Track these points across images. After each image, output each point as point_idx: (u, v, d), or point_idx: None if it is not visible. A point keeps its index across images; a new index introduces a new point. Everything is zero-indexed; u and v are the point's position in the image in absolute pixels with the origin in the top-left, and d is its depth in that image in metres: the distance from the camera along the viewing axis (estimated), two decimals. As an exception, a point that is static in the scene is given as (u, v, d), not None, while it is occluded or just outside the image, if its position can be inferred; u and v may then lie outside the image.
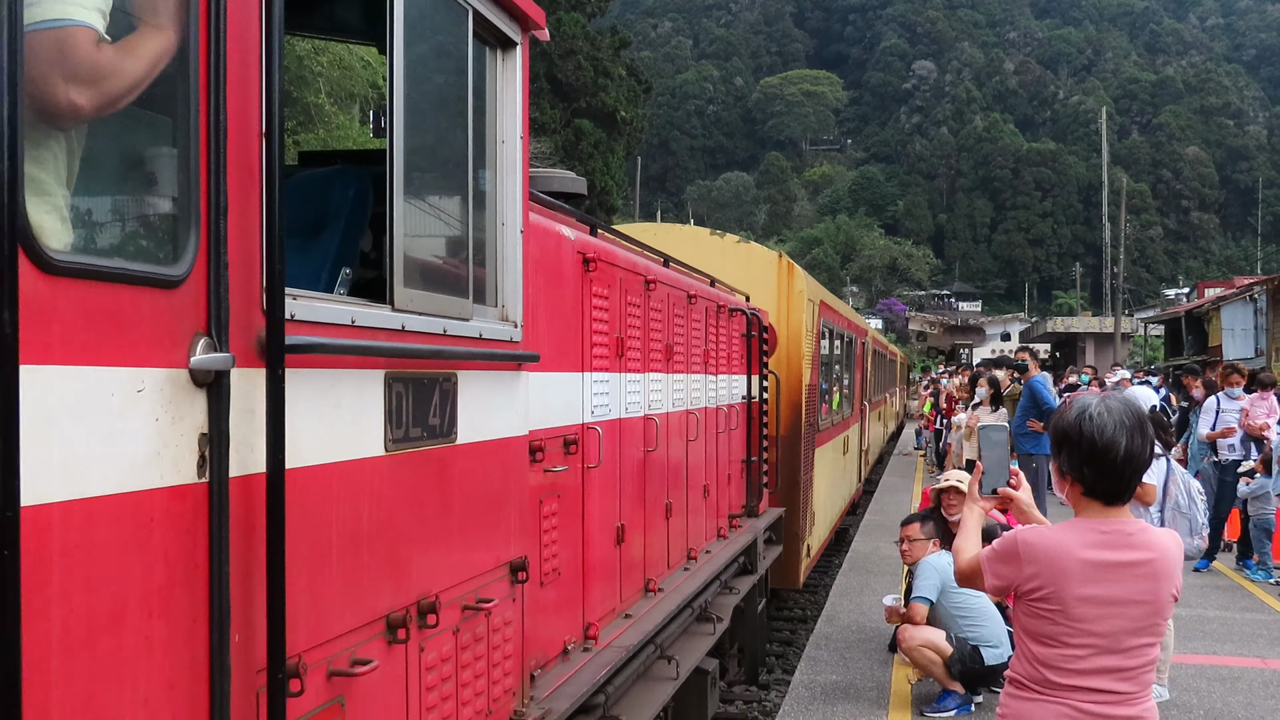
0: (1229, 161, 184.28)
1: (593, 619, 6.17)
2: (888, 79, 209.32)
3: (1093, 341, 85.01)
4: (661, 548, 7.78)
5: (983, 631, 8.39)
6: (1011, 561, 3.66)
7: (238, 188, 2.72)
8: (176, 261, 2.54)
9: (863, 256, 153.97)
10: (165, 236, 2.65)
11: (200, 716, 2.55)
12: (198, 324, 2.57)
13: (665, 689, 6.87)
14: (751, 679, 11.26)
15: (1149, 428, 3.64)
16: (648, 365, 7.34)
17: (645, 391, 7.29)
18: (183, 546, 2.51)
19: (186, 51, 2.56)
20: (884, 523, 17.61)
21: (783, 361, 12.83)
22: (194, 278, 2.55)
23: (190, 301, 2.55)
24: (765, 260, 13.54)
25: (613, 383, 6.58)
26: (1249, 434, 14.86)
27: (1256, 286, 40.82)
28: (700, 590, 8.13)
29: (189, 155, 2.57)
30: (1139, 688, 3.59)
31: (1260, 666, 10.09)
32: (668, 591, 7.56)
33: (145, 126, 2.70)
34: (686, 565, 8.43)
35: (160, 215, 2.70)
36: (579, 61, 71.63)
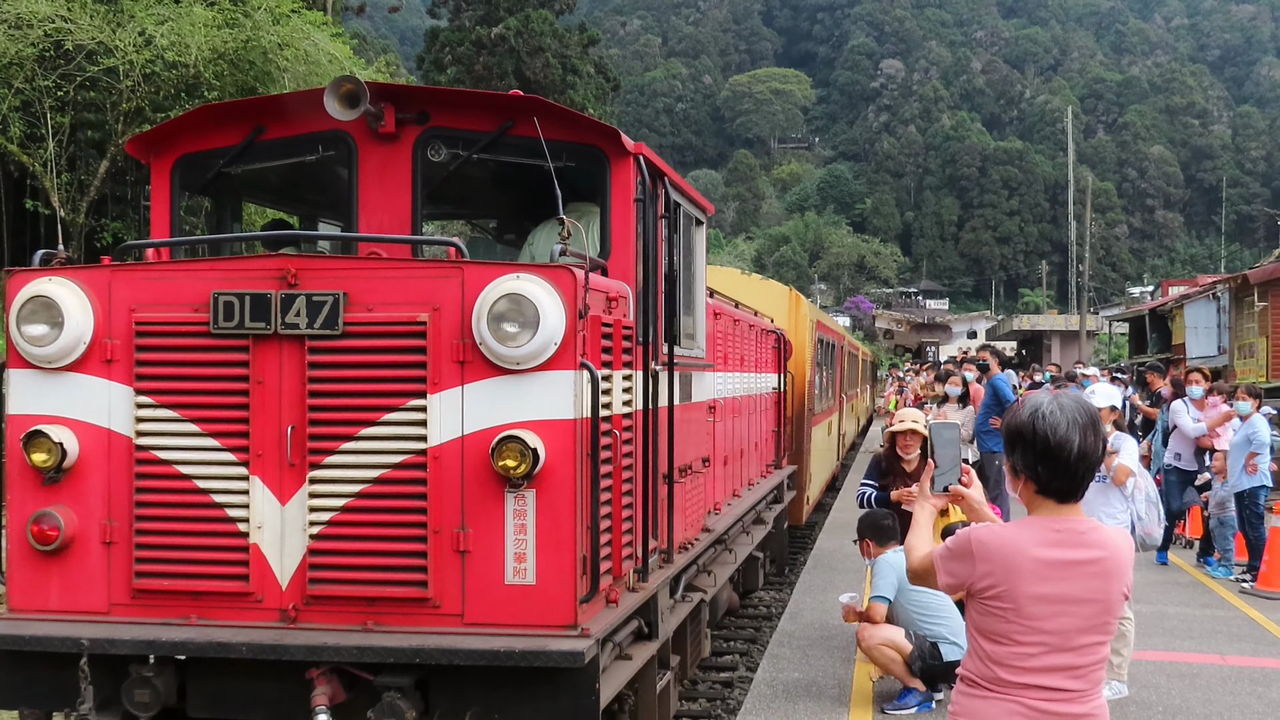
0: (1193, 161, 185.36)
1: (718, 500, 10.40)
2: (855, 78, 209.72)
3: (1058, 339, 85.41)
4: (739, 474, 11.80)
5: (942, 628, 8.41)
6: (965, 560, 3.65)
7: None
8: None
9: (830, 254, 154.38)
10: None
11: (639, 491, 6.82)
12: (652, 359, 7.03)
13: (746, 548, 11.64)
14: (779, 573, 16.02)
15: (1101, 425, 3.65)
16: (731, 368, 10.93)
17: (730, 383, 10.94)
18: (640, 430, 6.85)
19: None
20: (849, 520, 17.55)
21: (794, 365, 16.74)
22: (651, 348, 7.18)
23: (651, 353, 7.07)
24: (780, 291, 18.68)
25: (724, 378, 10.47)
26: (1200, 446, 15.30)
27: (1219, 285, 41.08)
28: (756, 502, 12.38)
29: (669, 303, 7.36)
30: (1089, 685, 3.59)
31: (1219, 663, 10.15)
32: (742, 498, 11.74)
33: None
34: (749, 488, 12.42)
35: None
36: (547, 59, 71.48)
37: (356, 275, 5.74)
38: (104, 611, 5.85)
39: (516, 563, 5.61)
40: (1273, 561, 13.54)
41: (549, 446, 5.51)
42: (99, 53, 34.56)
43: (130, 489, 5.85)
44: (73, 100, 35.41)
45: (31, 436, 5.80)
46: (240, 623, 5.71)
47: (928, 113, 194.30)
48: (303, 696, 5.43)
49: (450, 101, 7.08)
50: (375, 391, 5.71)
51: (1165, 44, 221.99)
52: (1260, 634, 11.40)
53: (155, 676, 5.51)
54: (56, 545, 5.81)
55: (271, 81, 38.21)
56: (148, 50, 34.36)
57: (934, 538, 4.00)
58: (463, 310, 5.59)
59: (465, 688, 5.45)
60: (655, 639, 6.86)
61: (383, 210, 6.79)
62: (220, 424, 5.79)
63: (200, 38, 34.76)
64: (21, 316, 5.81)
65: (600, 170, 6.64)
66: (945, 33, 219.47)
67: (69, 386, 5.88)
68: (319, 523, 5.72)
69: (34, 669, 5.69)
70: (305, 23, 37.95)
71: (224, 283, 5.69)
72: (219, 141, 7.06)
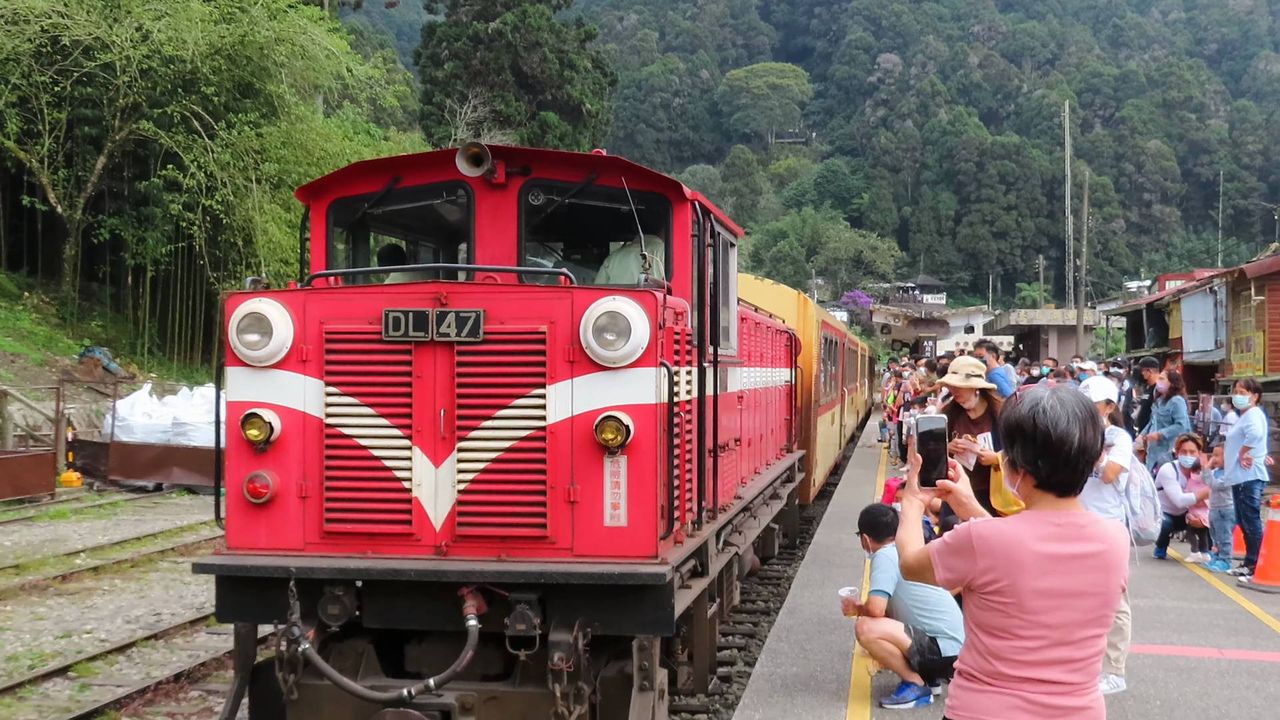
0: (1190, 155, 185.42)
1: (744, 475, 11.74)
2: (853, 72, 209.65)
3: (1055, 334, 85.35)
4: (760, 455, 13.26)
5: (941, 623, 8.42)
6: (965, 555, 3.65)
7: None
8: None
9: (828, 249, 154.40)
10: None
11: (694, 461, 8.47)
12: (703, 360, 8.75)
13: (766, 518, 13.20)
14: (791, 545, 17.72)
15: (1100, 419, 3.66)
16: (753, 364, 12.43)
17: (753, 376, 12.41)
18: (695, 413, 8.41)
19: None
20: (846, 515, 17.64)
21: (802, 361, 18.27)
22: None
23: (701, 353, 8.73)
24: (790, 295, 20.33)
25: (748, 372, 11.98)
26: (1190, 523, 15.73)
27: (1216, 279, 41.06)
28: (773, 480, 13.95)
29: (713, 318, 9.13)
30: (1087, 678, 3.60)
31: (1216, 656, 10.17)
32: (762, 475, 13.16)
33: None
34: (767, 467, 13.81)
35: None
36: (544, 54, 71.41)
37: (493, 297, 7.51)
38: (300, 549, 7.60)
39: (613, 510, 7.37)
40: (1270, 555, 13.55)
41: (637, 424, 7.25)
42: (96, 48, 34.51)
43: (321, 456, 7.58)
44: (69, 96, 35.36)
45: (248, 418, 7.53)
46: (405, 556, 7.44)
47: (925, 107, 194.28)
48: (453, 611, 7.20)
49: (548, 159, 9.04)
50: (507, 383, 7.42)
51: (1162, 38, 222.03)
52: (1258, 628, 11.42)
53: (344, 595, 7.33)
54: (265, 499, 7.58)
55: (268, 77, 38.19)
56: (145, 45, 34.32)
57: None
58: (572, 323, 7.33)
59: (575, 602, 7.17)
60: (706, 575, 8.78)
61: (494, 243, 8.65)
62: (389, 407, 7.53)
63: (197, 33, 34.73)
64: (240, 328, 7.54)
65: (665, 212, 8.56)
66: (942, 27, 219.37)
67: (274, 380, 7.63)
68: (464, 481, 7.45)
69: (249, 592, 7.52)
70: (302, 18, 37.91)
71: (392, 303, 7.48)
72: (364, 189, 9.01)
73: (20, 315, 36.19)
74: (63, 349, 35.64)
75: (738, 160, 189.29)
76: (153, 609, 14.40)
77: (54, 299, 38.61)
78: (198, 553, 18.49)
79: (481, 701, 7.32)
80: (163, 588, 15.78)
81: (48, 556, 17.56)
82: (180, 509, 23.72)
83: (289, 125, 38.30)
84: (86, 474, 26.70)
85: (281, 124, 38.18)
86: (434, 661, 7.44)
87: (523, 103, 70.81)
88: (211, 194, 35.36)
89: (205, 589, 15.62)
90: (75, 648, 12.45)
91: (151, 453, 26.48)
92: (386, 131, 57.65)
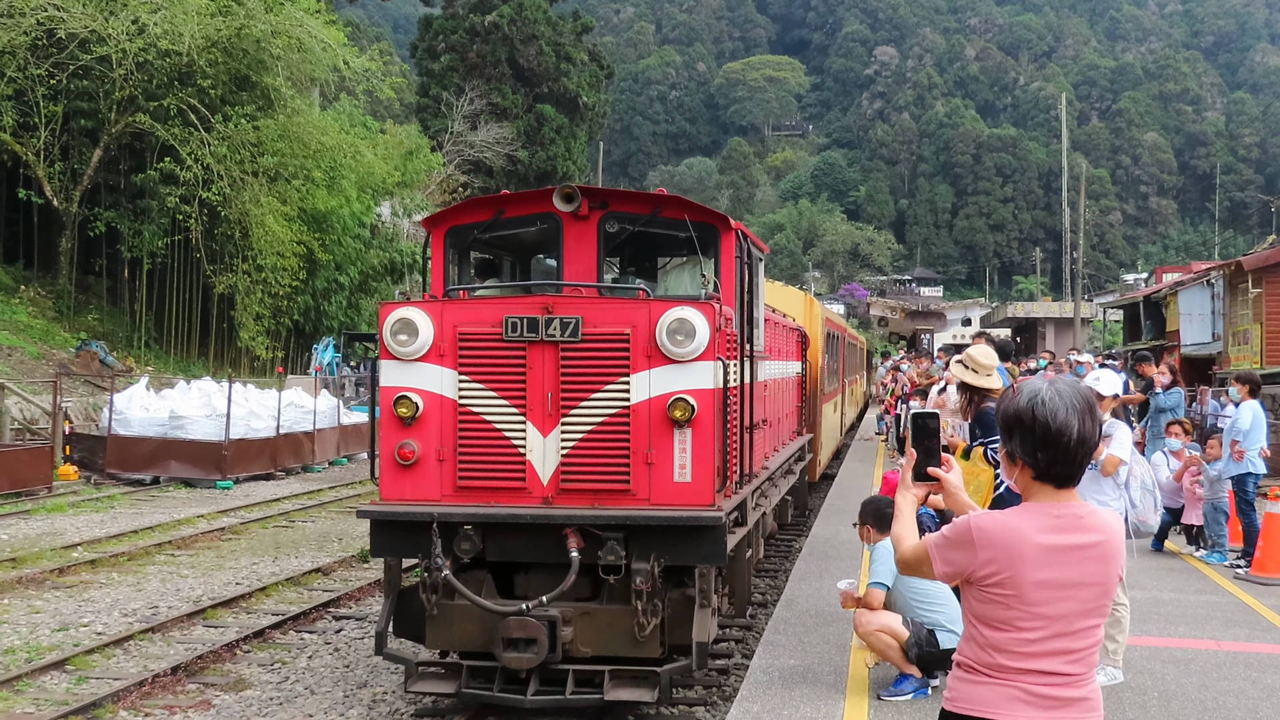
0: (1187, 147, 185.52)
1: (767, 451, 13.47)
2: (849, 65, 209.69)
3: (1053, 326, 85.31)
4: (778, 435, 15.12)
5: (939, 615, 8.42)
6: (965, 548, 3.65)
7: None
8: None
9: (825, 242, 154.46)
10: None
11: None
12: (743, 355, 10.66)
13: (783, 489, 15.18)
14: (800, 517, 19.64)
15: (1097, 410, 3.66)
16: (774, 358, 14.40)
17: (774, 368, 14.41)
18: (730, 397, 9.87)
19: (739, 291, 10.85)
20: (844, 507, 17.65)
21: (810, 355, 20.33)
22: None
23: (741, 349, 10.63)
24: (798, 296, 23.00)
25: (770, 365, 13.91)
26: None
27: (1214, 272, 41.09)
28: (788, 457, 15.82)
29: (750, 322, 11.13)
30: (1086, 669, 3.61)
31: (1214, 648, 10.17)
32: (780, 452, 14.99)
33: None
34: (783, 446, 15.70)
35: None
36: (541, 46, 71.35)
37: (588, 306, 9.54)
38: (438, 499, 9.54)
39: (680, 469, 9.30)
40: (1267, 548, 13.56)
41: (699, 404, 9.20)
42: (92, 41, 34.42)
43: (454, 428, 9.52)
44: (65, 89, 35.29)
45: (399, 399, 9.50)
46: (519, 505, 9.38)
47: (922, 100, 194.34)
48: (556, 546, 9.21)
49: (621, 197, 11.22)
50: (600, 372, 9.37)
51: (1159, 30, 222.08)
52: (1255, 619, 11.42)
53: (473, 534, 9.29)
54: (411, 462, 9.52)
55: (265, 69, 38.13)
56: (141, 38, 34.23)
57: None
58: (650, 326, 9.29)
59: (651, 540, 9.15)
60: (745, 525, 10.86)
61: (578, 262, 10.77)
62: (508, 391, 9.49)
63: (193, 26, 34.63)
64: (392, 330, 9.54)
65: (715, 238, 10.75)
66: (939, 19, 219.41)
67: (418, 370, 9.57)
68: (566, 447, 9.38)
69: (396, 533, 9.59)
70: (298, 10, 37.84)
71: (511, 311, 9.50)
72: (475, 218, 11.30)
73: (16, 308, 36.13)
74: (59, 342, 35.60)
75: (734, 153, 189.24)
76: (149, 602, 14.39)
77: (50, 292, 38.55)
78: (194, 546, 18.50)
79: (577, 615, 9.39)
80: (160, 581, 15.76)
81: (45, 550, 17.55)
82: (177, 502, 23.71)
83: (286, 118, 38.23)
84: (83, 467, 26.68)
85: (278, 117, 38.11)
86: (537, 587, 9.45)
87: (519, 95, 70.74)
88: (208, 187, 35.32)
89: (202, 582, 15.63)
90: (72, 641, 12.44)
91: (148, 446, 26.45)
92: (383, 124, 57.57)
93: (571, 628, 9.35)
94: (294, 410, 29.79)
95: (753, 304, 11.42)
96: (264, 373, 38.43)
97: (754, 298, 11.61)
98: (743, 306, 10.91)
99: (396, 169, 44.71)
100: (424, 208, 53.60)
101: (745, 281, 11.04)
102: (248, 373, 38.06)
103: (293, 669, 11.54)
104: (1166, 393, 17.75)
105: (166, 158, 35.69)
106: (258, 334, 37.44)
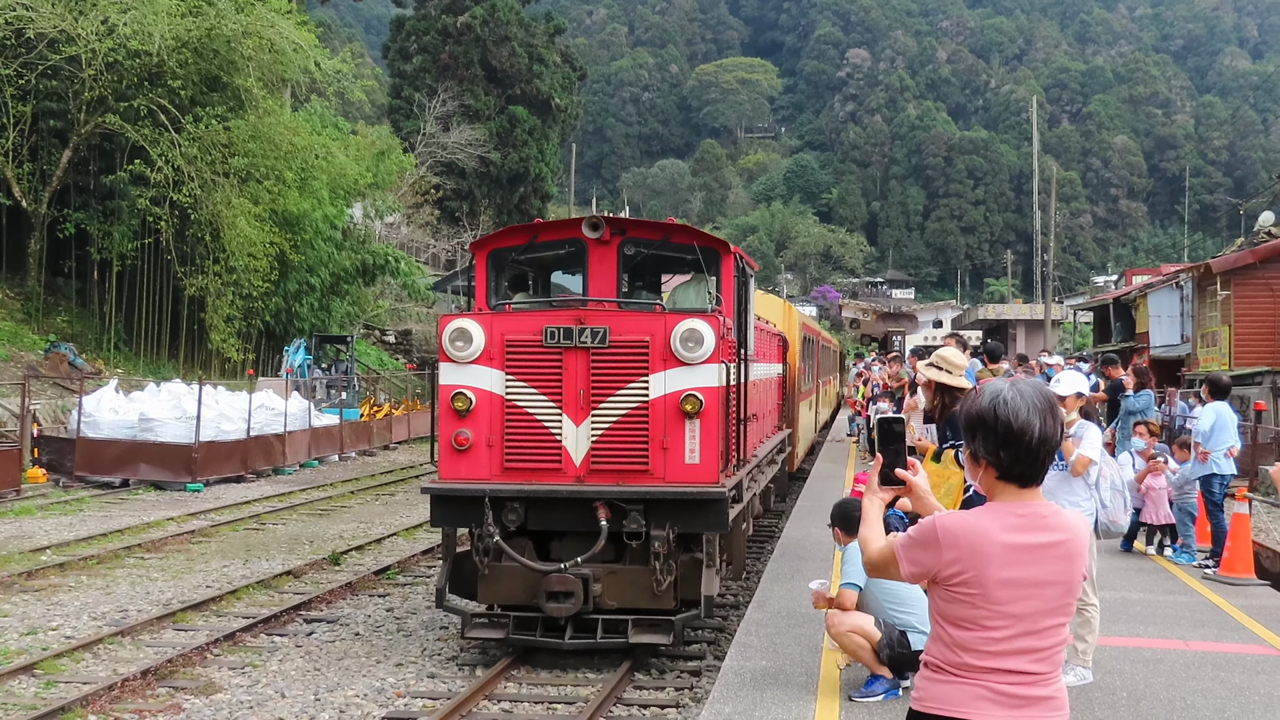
0: (1157, 150, 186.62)
1: (755, 442, 14.94)
2: (822, 67, 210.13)
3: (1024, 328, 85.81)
4: (763, 428, 16.63)
5: (911, 617, 8.44)
6: (931, 548, 3.67)
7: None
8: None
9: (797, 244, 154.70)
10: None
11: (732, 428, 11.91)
12: (739, 358, 12.48)
13: (768, 476, 16.81)
14: (780, 500, 21.78)
15: (1059, 410, 3.68)
16: (760, 360, 15.64)
17: (761, 370, 15.82)
18: (730, 394, 11.68)
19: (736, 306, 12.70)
20: (816, 508, 17.69)
21: (789, 357, 21.94)
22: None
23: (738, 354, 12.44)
24: (778, 303, 24.68)
25: (758, 366, 15.22)
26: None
27: (1182, 274, 41.37)
28: (772, 449, 17.25)
29: (744, 330, 13.00)
30: (1051, 668, 3.62)
31: (1182, 648, 10.23)
32: (765, 443, 16.48)
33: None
34: (768, 438, 17.17)
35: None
36: (513, 48, 71.26)
37: (614, 318, 11.31)
38: (488, 479, 11.24)
39: (690, 453, 11.07)
40: (1235, 548, 13.66)
41: (706, 400, 10.99)
42: (61, 41, 34.19)
43: (502, 420, 11.29)
44: (34, 89, 35.02)
45: (455, 395, 11.24)
46: (556, 483, 11.11)
47: (894, 102, 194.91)
48: (588, 517, 10.96)
49: (638, 225, 12.94)
50: (623, 373, 11.14)
51: (1129, 34, 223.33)
52: (1223, 619, 11.49)
53: (518, 507, 11.02)
54: (465, 447, 11.25)
55: (236, 70, 37.93)
56: (110, 39, 34.01)
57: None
58: (665, 335, 11.02)
59: (666, 511, 10.90)
60: (741, 502, 12.44)
61: (601, 280, 12.44)
62: (547, 388, 11.23)
63: (163, 26, 34.42)
64: (450, 337, 11.26)
65: (717, 260, 12.56)
66: (911, 22, 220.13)
67: (472, 371, 11.30)
68: (595, 435, 11.15)
69: (452, 507, 11.31)
70: (269, 11, 37.66)
71: (549, 322, 11.23)
72: (513, 242, 12.95)
73: (-15, 310, 35.87)
74: (28, 344, 35.33)
75: (707, 155, 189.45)
76: (119, 605, 14.31)
77: (19, 294, 38.26)
78: (164, 549, 18.40)
79: (605, 574, 11.15)
80: (129, 584, 15.67)
81: (13, 553, 17.43)
82: (147, 505, 23.58)
83: (257, 119, 38.01)
84: (52, 470, 26.50)
85: (249, 117, 37.90)
86: (570, 552, 11.15)
87: (492, 97, 70.62)
88: (179, 188, 35.10)
89: (172, 585, 15.55)
90: (41, 645, 12.36)
91: (118, 449, 26.30)
92: (354, 125, 57.39)
93: (600, 584, 11.10)
94: (265, 412, 29.67)
95: (747, 315, 13.24)
96: (235, 375, 38.24)
97: (748, 310, 13.37)
98: (740, 317, 12.69)
99: (368, 170, 44.51)
100: (396, 209, 53.49)
101: (741, 297, 12.87)
102: (218, 375, 37.87)
103: (263, 672, 11.50)
104: (1136, 395, 17.85)
105: (136, 159, 35.45)
106: (229, 336, 37.22)
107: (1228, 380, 15.94)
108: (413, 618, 13.84)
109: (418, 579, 16.38)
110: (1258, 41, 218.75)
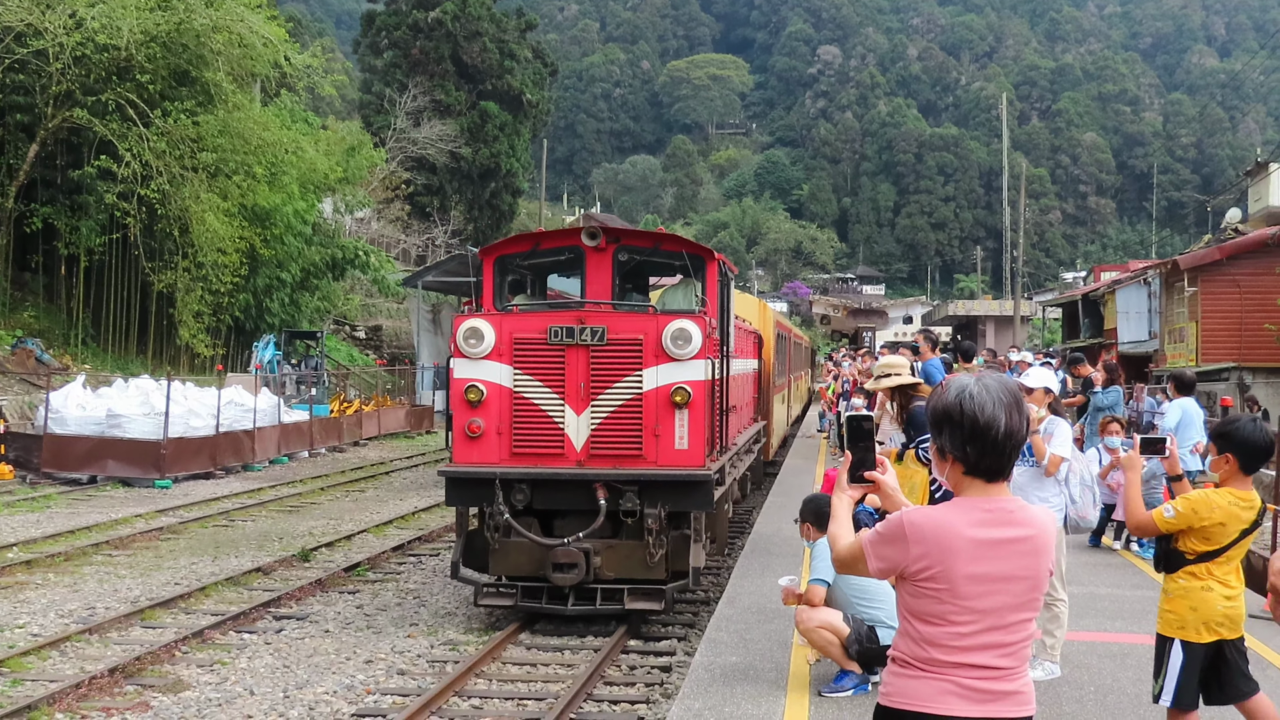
0: (1125, 147, 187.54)
1: (735, 431, 15.89)
2: (793, 64, 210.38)
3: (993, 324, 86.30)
4: (742, 420, 17.59)
5: (879, 612, 8.46)
6: (897, 543, 3.68)
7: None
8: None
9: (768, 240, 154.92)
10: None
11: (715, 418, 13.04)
12: (722, 355, 13.62)
13: (745, 464, 17.95)
14: (756, 486, 23.03)
15: (1025, 404, 3.70)
16: (739, 356, 16.38)
17: (739, 365, 16.47)
18: (715, 387, 12.86)
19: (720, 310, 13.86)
20: (786, 504, 17.70)
21: (764, 353, 23.17)
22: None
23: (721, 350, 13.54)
24: (753, 302, 26.23)
25: (737, 362, 15.84)
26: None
27: (1150, 270, 41.59)
28: (749, 439, 18.35)
29: (726, 329, 14.10)
30: (1018, 662, 3.64)
31: (1150, 643, 10.26)
32: (743, 433, 17.38)
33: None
34: (745, 429, 18.11)
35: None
36: (484, 43, 71.11)
37: (611, 318, 12.44)
38: (497, 463, 12.33)
39: (679, 440, 12.17)
40: (1201, 543, 13.73)
41: (694, 392, 12.13)
42: (28, 35, 33.95)
43: (510, 410, 12.39)
44: (0, 83, 34.78)
45: (468, 388, 12.29)
46: (559, 467, 12.23)
47: (864, 99, 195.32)
48: (588, 497, 12.14)
49: (631, 234, 14.67)
50: (620, 368, 12.27)
51: (1098, 32, 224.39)
52: (1189, 614, 11.55)
53: (525, 488, 12.17)
54: (477, 435, 12.33)
55: (205, 64, 37.70)
56: (78, 33, 33.76)
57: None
58: (658, 334, 12.15)
59: (658, 492, 12.09)
60: (724, 485, 13.75)
61: (597, 283, 13.50)
62: (551, 381, 12.35)
63: (132, 20, 34.18)
64: (464, 335, 12.31)
65: (703, 265, 13.76)
66: (882, 19, 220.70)
67: (483, 366, 12.36)
68: (595, 423, 12.28)
69: (466, 488, 12.50)
70: (239, 5, 37.44)
71: (554, 322, 12.36)
72: (518, 249, 14.21)
73: (-50, 306, 35.58)
74: (-6, 340, 35.07)
75: (678, 151, 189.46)
76: (86, 603, 14.22)
77: (-15, 289, 37.96)
78: (132, 546, 18.30)
79: (603, 548, 12.29)
80: (97, 581, 15.58)
81: (-21, 550, 17.29)
82: (115, 502, 23.45)
83: (226, 113, 37.76)
84: (19, 466, 26.31)
85: (219, 112, 37.65)
86: (572, 529, 12.26)
87: (463, 92, 70.46)
88: (147, 183, 34.84)
89: (140, 582, 15.47)
90: (7, 643, 12.27)
91: (85, 445, 26.12)
92: (325, 120, 57.13)
93: (600, 557, 12.25)
94: (234, 408, 29.52)
95: (728, 316, 14.37)
96: (204, 370, 38.03)
97: (729, 311, 14.52)
98: (722, 317, 13.78)
99: (339, 165, 44.28)
100: (366, 204, 53.27)
101: (724, 299, 14.00)
102: (187, 371, 37.65)
103: (232, 669, 11.45)
104: (1105, 391, 17.95)
105: (104, 153, 35.18)
106: (198, 331, 36.98)
107: (1192, 376, 16.03)
108: (382, 615, 13.81)
109: (388, 575, 16.34)
110: (1225, 40, 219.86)
